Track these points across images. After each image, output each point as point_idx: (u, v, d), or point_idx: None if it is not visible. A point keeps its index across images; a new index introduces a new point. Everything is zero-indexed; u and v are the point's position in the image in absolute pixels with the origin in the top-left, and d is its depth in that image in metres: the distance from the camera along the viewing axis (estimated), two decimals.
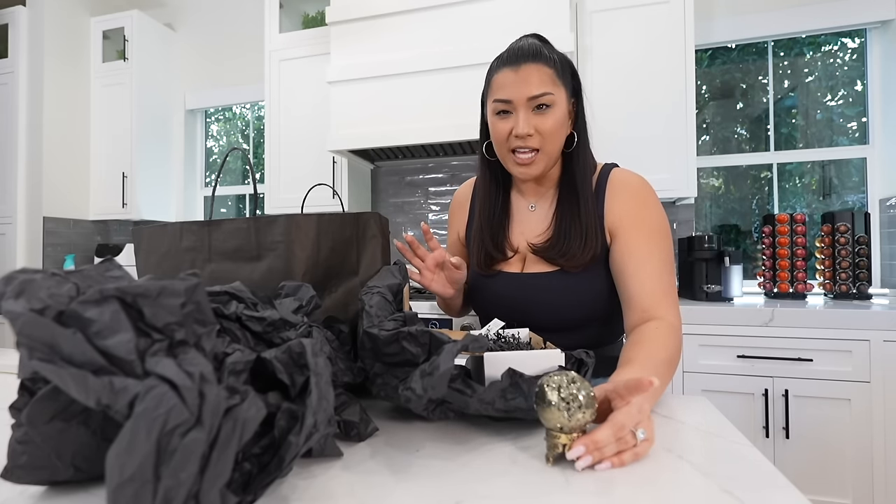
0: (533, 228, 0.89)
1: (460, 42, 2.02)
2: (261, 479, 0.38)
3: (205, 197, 3.15)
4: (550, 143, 0.80)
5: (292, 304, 0.57)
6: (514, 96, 0.78)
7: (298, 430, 0.38)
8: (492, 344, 0.66)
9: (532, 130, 0.78)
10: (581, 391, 0.46)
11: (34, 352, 0.30)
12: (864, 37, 2.18)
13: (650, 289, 0.76)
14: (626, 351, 0.70)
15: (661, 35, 1.96)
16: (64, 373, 0.30)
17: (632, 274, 0.78)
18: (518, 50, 0.80)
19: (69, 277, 0.35)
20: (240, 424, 0.33)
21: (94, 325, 0.32)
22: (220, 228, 0.68)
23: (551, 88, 0.78)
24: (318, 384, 0.41)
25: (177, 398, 0.30)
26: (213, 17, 3.00)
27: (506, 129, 0.80)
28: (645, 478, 0.44)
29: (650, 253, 0.78)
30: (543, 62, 0.78)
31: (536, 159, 0.80)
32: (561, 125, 0.80)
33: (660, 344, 0.69)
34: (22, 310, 0.31)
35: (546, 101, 0.78)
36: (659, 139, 1.96)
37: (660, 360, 0.67)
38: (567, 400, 0.45)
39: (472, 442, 0.52)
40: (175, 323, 0.34)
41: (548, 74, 0.78)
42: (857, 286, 1.84)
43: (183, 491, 0.29)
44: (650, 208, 0.82)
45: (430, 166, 2.62)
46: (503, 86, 0.79)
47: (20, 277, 0.33)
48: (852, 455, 1.53)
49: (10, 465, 0.39)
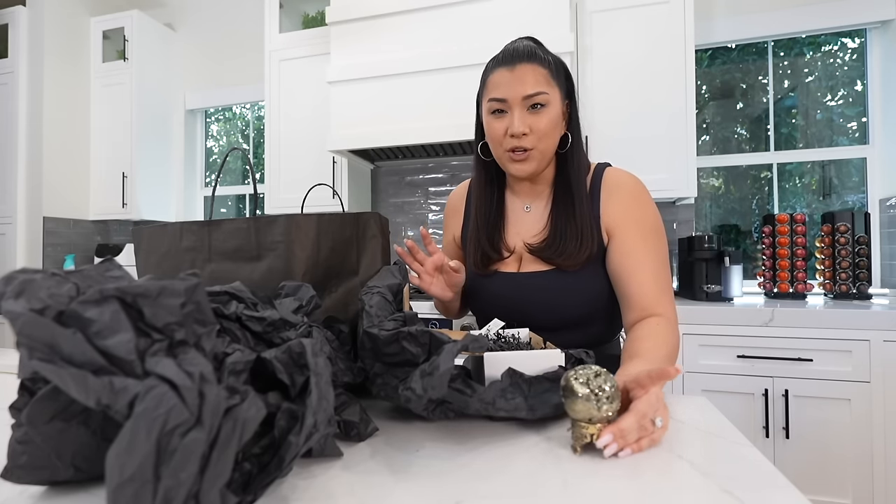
0: (529, 229, 0.90)
1: (460, 42, 2.02)
2: (261, 480, 0.38)
3: (205, 197, 3.15)
4: (545, 142, 0.81)
5: (292, 303, 0.57)
6: (509, 95, 0.79)
7: (298, 430, 0.38)
8: (491, 344, 0.66)
9: (527, 129, 0.79)
10: (607, 383, 0.48)
11: (34, 352, 0.30)
12: (864, 37, 2.18)
13: (649, 287, 0.78)
14: (631, 346, 0.73)
15: (661, 35, 1.96)
16: (64, 373, 0.30)
17: (630, 273, 0.80)
18: (513, 51, 0.81)
19: (69, 277, 0.35)
20: (240, 424, 0.33)
21: (94, 325, 0.32)
22: (220, 228, 0.68)
23: (546, 88, 0.79)
24: (318, 384, 0.41)
25: (177, 398, 0.30)
26: (213, 17, 3.00)
27: (501, 128, 0.81)
28: (645, 478, 0.44)
29: (647, 252, 0.80)
30: (538, 62, 0.80)
31: (531, 155, 0.82)
32: (555, 125, 0.81)
33: (662, 339, 0.72)
34: (22, 310, 0.31)
35: (541, 101, 0.79)
36: (659, 139, 1.96)
37: (663, 355, 0.70)
38: (595, 392, 0.48)
39: (472, 442, 0.52)
40: (175, 323, 0.34)
41: (542, 74, 0.79)
42: (857, 286, 1.84)
43: (183, 491, 0.29)
44: (645, 207, 0.84)
45: (430, 166, 2.62)
46: (498, 85, 0.80)
47: (20, 277, 0.33)
48: (852, 455, 1.53)
49: (11, 465, 0.39)
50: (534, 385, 0.54)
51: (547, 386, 0.54)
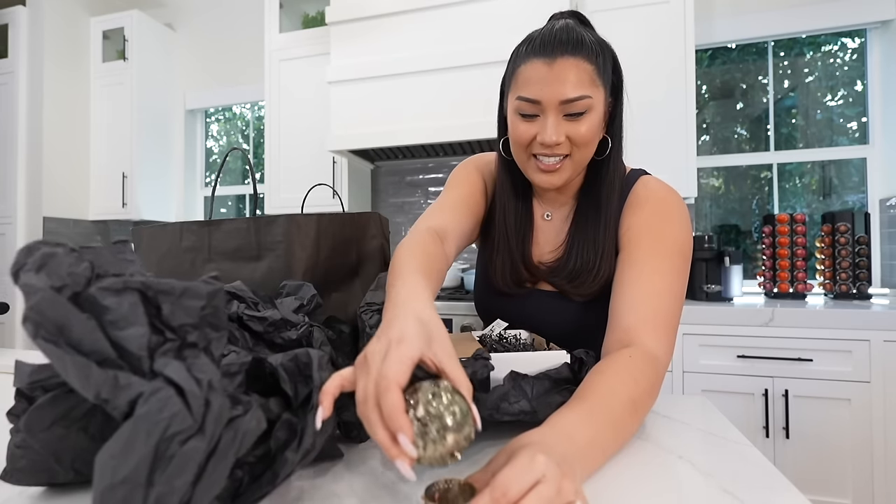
0: (546, 241, 0.79)
1: (460, 42, 2.02)
2: (252, 492, 0.37)
3: (205, 197, 3.15)
4: (582, 153, 0.67)
5: (293, 303, 0.57)
6: (544, 97, 0.64)
7: (296, 447, 0.38)
8: (494, 344, 0.66)
9: (562, 138, 0.65)
10: (453, 405, 0.34)
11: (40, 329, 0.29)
12: (864, 37, 2.18)
13: (638, 307, 0.62)
14: (584, 382, 0.52)
15: (661, 35, 1.96)
16: (67, 358, 0.29)
17: (624, 285, 0.65)
18: (555, 37, 0.64)
19: (84, 255, 0.34)
20: (240, 436, 0.32)
21: (109, 314, 0.31)
22: (220, 228, 0.68)
23: (590, 90, 0.64)
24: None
25: (182, 404, 0.30)
26: (213, 17, 3.00)
27: (529, 132, 0.67)
28: (645, 478, 0.44)
29: (653, 271, 0.65)
30: (584, 56, 0.63)
31: (564, 166, 0.68)
32: (596, 133, 0.67)
33: (627, 378, 0.52)
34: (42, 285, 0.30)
35: (583, 107, 0.64)
36: (659, 139, 1.96)
37: (621, 401, 0.49)
38: (430, 417, 0.34)
39: (475, 442, 0.52)
40: (190, 325, 0.34)
41: (587, 72, 0.64)
42: (857, 286, 1.84)
43: (175, 499, 0.28)
44: (669, 224, 0.69)
45: (430, 166, 2.62)
46: (532, 81, 0.64)
47: (42, 249, 0.32)
48: (852, 455, 1.52)
49: (10, 468, 0.39)
50: (536, 385, 0.53)
51: (549, 386, 0.54)
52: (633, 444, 0.51)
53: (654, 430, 0.56)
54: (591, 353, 0.62)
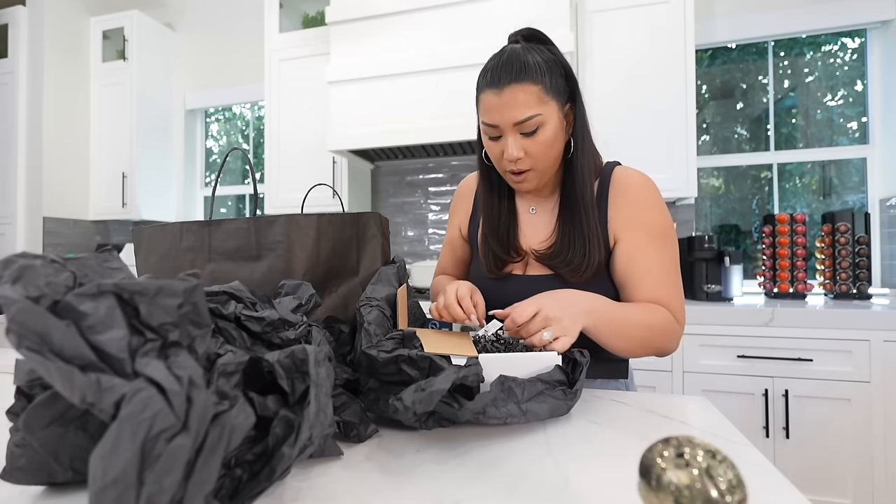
0: (535, 232, 0.87)
1: (460, 42, 2.02)
2: (250, 489, 0.37)
3: (205, 197, 3.15)
4: (542, 162, 0.77)
5: (292, 302, 0.56)
6: (500, 122, 0.75)
7: (293, 442, 0.38)
8: (489, 344, 0.66)
9: (521, 153, 0.75)
10: (729, 472, 0.28)
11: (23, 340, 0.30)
12: (864, 37, 2.18)
13: (657, 296, 0.76)
14: None
15: (662, 35, 1.96)
16: (51, 366, 0.29)
17: (639, 279, 0.77)
18: (501, 68, 0.74)
19: (67, 266, 0.34)
20: (227, 431, 0.32)
21: (87, 319, 0.31)
22: (220, 228, 0.68)
23: (538, 108, 0.73)
24: (317, 396, 0.40)
25: (164, 402, 0.30)
26: (213, 17, 3.00)
27: (497, 149, 0.78)
28: None
29: (655, 257, 0.77)
30: (528, 79, 0.72)
31: (528, 177, 0.79)
32: (552, 143, 0.76)
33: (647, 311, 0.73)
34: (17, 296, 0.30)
35: (533, 125, 0.73)
36: (659, 139, 1.96)
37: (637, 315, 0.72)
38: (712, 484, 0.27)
39: (471, 442, 0.52)
40: (170, 323, 0.34)
41: (534, 93, 0.73)
42: (857, 286, 1.83)
43: (166, 497, 0.29)
44: (654, 209, 0.80)
45: (430, 166, 2.62)
46: (488, 109, 0.75)
47: (19, 262, 0.32)
48: (852, 455, 1.52)
49: (9, 467, 0.39)
50: (527, 388, 0.53)
51: (540, 388, 0.54)
52: (634, 444, 0.51)
53: (654, 430, 0.56)
54: (584, 353, 0.62)
